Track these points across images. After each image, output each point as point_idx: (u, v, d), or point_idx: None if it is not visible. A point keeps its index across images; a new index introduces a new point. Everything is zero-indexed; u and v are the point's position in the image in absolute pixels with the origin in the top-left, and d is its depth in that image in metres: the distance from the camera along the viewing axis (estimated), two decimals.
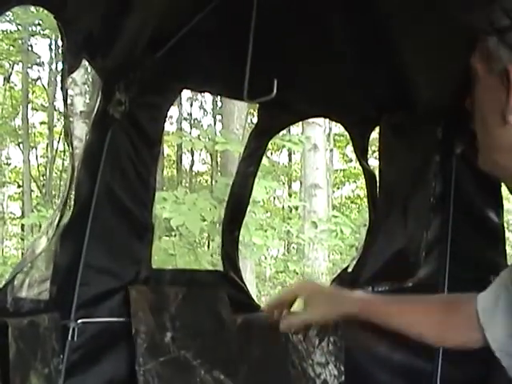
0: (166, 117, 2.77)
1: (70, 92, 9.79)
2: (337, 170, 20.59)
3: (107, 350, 2.58)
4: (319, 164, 13.23)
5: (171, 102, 2.79)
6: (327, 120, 12.36)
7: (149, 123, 2.65)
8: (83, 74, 9.90)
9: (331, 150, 17.89)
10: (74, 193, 2.40)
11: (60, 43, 16.06)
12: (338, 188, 21.63)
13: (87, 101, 9.71)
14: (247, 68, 2.44)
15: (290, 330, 2.17)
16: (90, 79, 9.83)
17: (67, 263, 2.45)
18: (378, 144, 3.41)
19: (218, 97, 13.63)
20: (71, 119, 9.42)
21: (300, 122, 13.67)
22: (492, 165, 1.50)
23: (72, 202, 2.40)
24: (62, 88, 2.16)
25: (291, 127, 16.23)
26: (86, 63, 2.29)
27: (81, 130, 8.80)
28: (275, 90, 2.37)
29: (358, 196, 20.50)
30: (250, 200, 3.13)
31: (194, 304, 2.73)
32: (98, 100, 2.45)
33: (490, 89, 1.44)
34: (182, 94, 16.45)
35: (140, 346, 2.57)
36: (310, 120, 12.32)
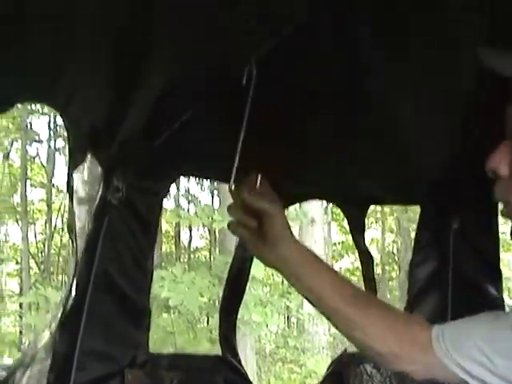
0: (162, 203, 2.79)
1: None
2: (335, 243, 20.63)
3: None
4: (317, 237, 13.30)
5: (168, 188, 2.82)
6: None
7: (145, 209, 2.67)
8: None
9: (329, 223, 17.95)
10: (75, 282, 2.42)
11: (58, 121, 16.22)
12: (337, 260, 21.62)
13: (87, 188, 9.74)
14: (236, 160, 2.46)
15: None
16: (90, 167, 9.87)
17: (64, 349, 2.44)
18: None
19: None
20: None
21: None
22: None
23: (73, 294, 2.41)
24: (67, 185, 2.19)
25: None
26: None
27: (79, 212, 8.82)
28: (258, 185, 2.39)
29: (357, 268, 20.50)
30: (250, 277, 3.14)
31: None
32: (100, 189, 2.49)
33: None
34: None
35: None
36: None
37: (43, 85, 1.75)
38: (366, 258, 3.38)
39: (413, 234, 3.68)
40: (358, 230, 3.36)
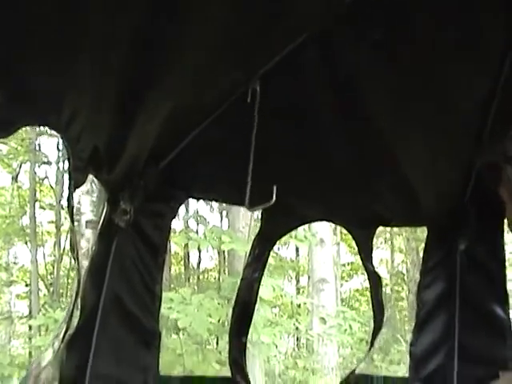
0: (170, 225, 2.80)
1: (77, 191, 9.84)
2: (344, 264, 20.56)
3: None
4: (326, 258, 13.26)
5: (176, 211, 2.83)
6: None
7: (153, 232, 2.68)
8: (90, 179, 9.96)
9: (338, 244, 17.90)
10: (79, 304, 2.41)
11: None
12: (346, 281, 21.54)
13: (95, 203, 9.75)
14: (249, 176, 2.49)
15: None
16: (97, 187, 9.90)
17: (73, 373, 2.44)
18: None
19: None
20: (78, 217, 9.47)
21: None
22: None
23: (78, 313, 2.41)
24: (68, 204, 2.20)
25: None
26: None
27: (88, 233, 8.86)
28: (274, 197, 2.42)
29: (366, 288, 20.36)
30: (258, 298, 3.14)
31: None
32: (104, 210, 2.50)
33: None
34: None
35: None
36: None
37: (44, 109, 1.77)
38: (374, 279, 3.37)
39: (421, 254, 3.67)
40: (366, 251, 3.35)
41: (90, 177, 2.24)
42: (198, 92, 2.42)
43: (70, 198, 2.18)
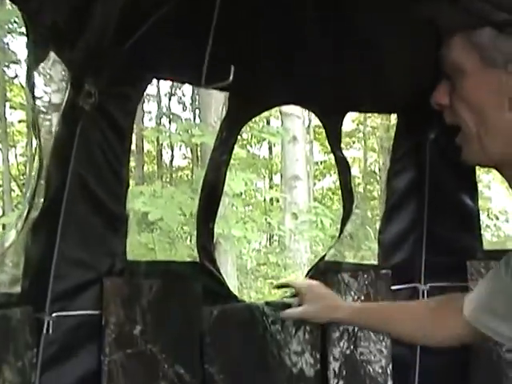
0: (136, 108, 2.75)
1: (47, 89, 9.73)
2: (317, 162, 20.66)
3: (83, 343, 2.56)
4: (299, 155, 13.29)
5: (141, 92, 2.77)
6: (306, 112, 12.44)
7: (119, 114, 2.63)
8: (61, 70, 9.83)
9: (311, 142, 17.96)
10: (44, 185, 2.38)
11: None
12: (319, 180, 21.70)
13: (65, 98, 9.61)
14: (206, 54, 2.44)
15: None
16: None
17: (39, 256, 2.43)
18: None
19: (196, 90, 13.65)
20: (49, 117, 9.36)
21: (279, 114, 13.74)
22: (482, 155, 1.52)
23: (42, 195, 2.38)
24: (28, 81, 2.14)
25: (270, 119, 16.30)
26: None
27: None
28: (231, 77, 2.38)
29: (338, 187, 20.45)
30: (231, 193, 3.14)
31: (167, 297, 2.73)
32: (67, 92, 2.44)
33: (487, 81, 1.45)
34: (161, 88, 16.40)
35: (108, 336, 2.55)
36: (289, 111, 12.39)
37: None
38: (343, 165, 3.36)
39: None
40: (334, 137, 3.33)
41: (61, 75, 2.20)
42: None
43: (30, 75, 2.13)
